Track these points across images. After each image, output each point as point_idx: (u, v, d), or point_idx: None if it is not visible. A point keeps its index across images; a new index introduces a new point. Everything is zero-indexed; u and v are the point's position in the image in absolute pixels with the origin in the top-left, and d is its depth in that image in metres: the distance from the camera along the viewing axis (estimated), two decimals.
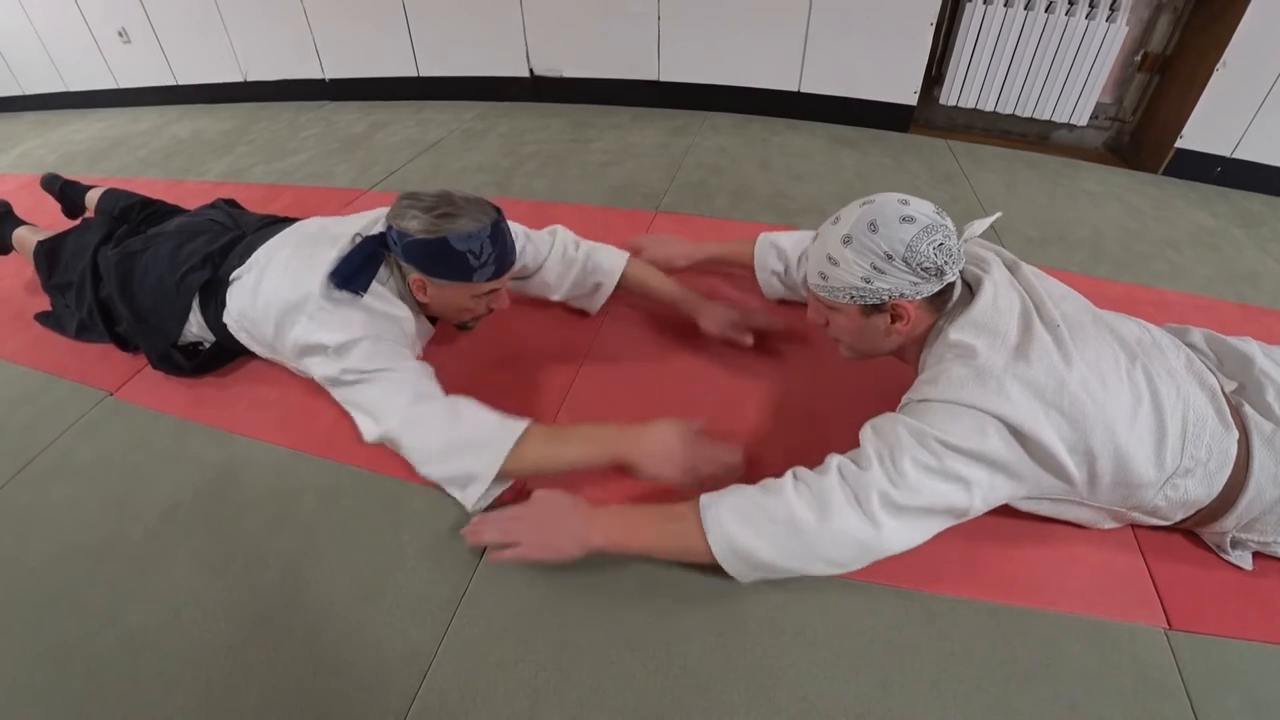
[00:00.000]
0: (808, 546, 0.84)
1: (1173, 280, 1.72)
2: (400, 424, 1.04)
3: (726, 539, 0.86)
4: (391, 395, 1.06)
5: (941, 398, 0.85)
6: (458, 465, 1.02)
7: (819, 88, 2.67)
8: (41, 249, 1.52)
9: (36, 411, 1.34)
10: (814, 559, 0.85)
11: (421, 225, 1.06)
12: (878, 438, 0.87)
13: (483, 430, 1.03)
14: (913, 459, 0.82)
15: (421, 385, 1.09)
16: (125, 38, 3.36)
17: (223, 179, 2.48)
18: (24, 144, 3.17)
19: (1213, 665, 0.86)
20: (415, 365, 1.12)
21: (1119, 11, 2.25)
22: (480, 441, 1.01)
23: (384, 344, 1.10)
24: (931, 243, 0.84)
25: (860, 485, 0.83)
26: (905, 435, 0.84)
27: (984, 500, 0.86)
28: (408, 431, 1.04)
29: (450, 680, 0.87)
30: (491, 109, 3.00)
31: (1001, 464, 0.84)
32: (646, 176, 2.26)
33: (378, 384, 1.07)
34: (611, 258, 1.42)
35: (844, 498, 0.83)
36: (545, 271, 1.39)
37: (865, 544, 0.83)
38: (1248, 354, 0.98)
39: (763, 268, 1.40)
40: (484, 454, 1.00)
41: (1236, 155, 2.26)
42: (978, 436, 0.82)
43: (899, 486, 0.82)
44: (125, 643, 0.93)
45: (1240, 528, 0.93)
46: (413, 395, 1.06)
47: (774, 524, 0.85)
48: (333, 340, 1.08)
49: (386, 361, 1.08)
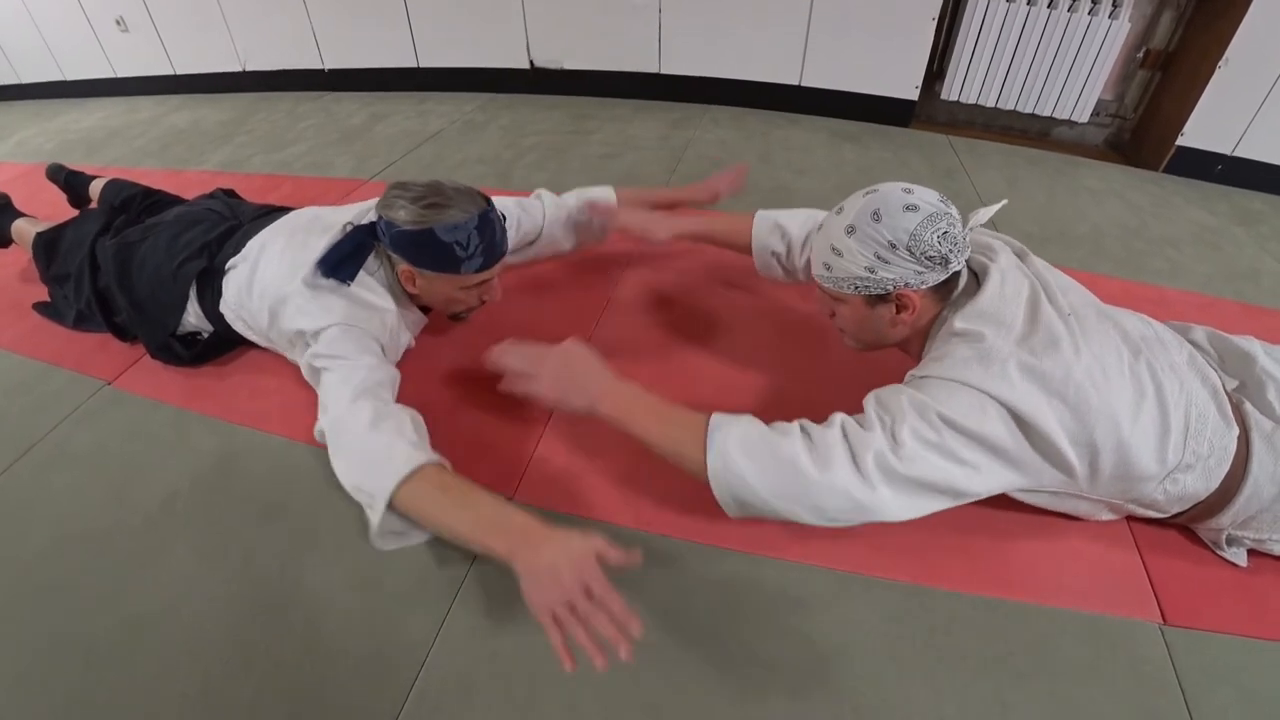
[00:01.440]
0: (802, 490, 0.82)
1: (1172, 278, 1.72)
2: (332, 421, 0.98)
3: (725, 461, 0.84)
4: (339, 386, 1.01)
5: (944, 375, 0.85)
6: (359, 479, 0.92)
7: (820, 82, 2.67)
8: (40, 240, 1.51)
9: (34, 401, 1.34)
10: (804, 504, 0.83)
11: (409, 215, 1.06)
12: (880, 406, 0.86)
13: (387, 452, 0.91)
14: (912, 429, 0.81)
15: (371, 383, 1.01)
16: (123, 26, 3.34)
17: (221, 169, 2.47)
18: (21, 133, 3.15)
19: (1207, 660, 0.87)
20: (374, 363, 1.05)
21: (1121, 8, 2.24)
22: (379, 464, 0.90)
23: (353, 333, 1.07)
24: (936, 231, 0.84)
25: (859, 444, 0.82)
26: (907, 405, 0.83)
27: (983, 485, 0.85)
28: (334, 430, 0.97)
29: (448, 670, 0.87)
30: (492, 101, 2.99)
31: (1002, 449, 0.83)
32: (647, 169, 2.26)
33: (333, 371, 1.03)
34: (602, 191, 1.48)
35: (843, 453, 0.82)
36: (550, 228, 1.41)
37: (858, 501, 0.81)
38: (1250, 352, 0.98)
39: (762, 247, 1.29)
40: (378, 479, 0.89)
41: (1238, 153, 2.26)
42: (978, 415, 0.81)
43: (897, 454, 0.81)
44: (123, 631, 0.93)
45: (1236, 525, 0.93)
46: (356, 391, 0.99)
47: (776, 460, 0.83)
48: (310, 326, 1.08)
49: (348, 350, 1.04)
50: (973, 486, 0.84)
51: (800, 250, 1.27)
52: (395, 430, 0.94)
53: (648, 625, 0.90)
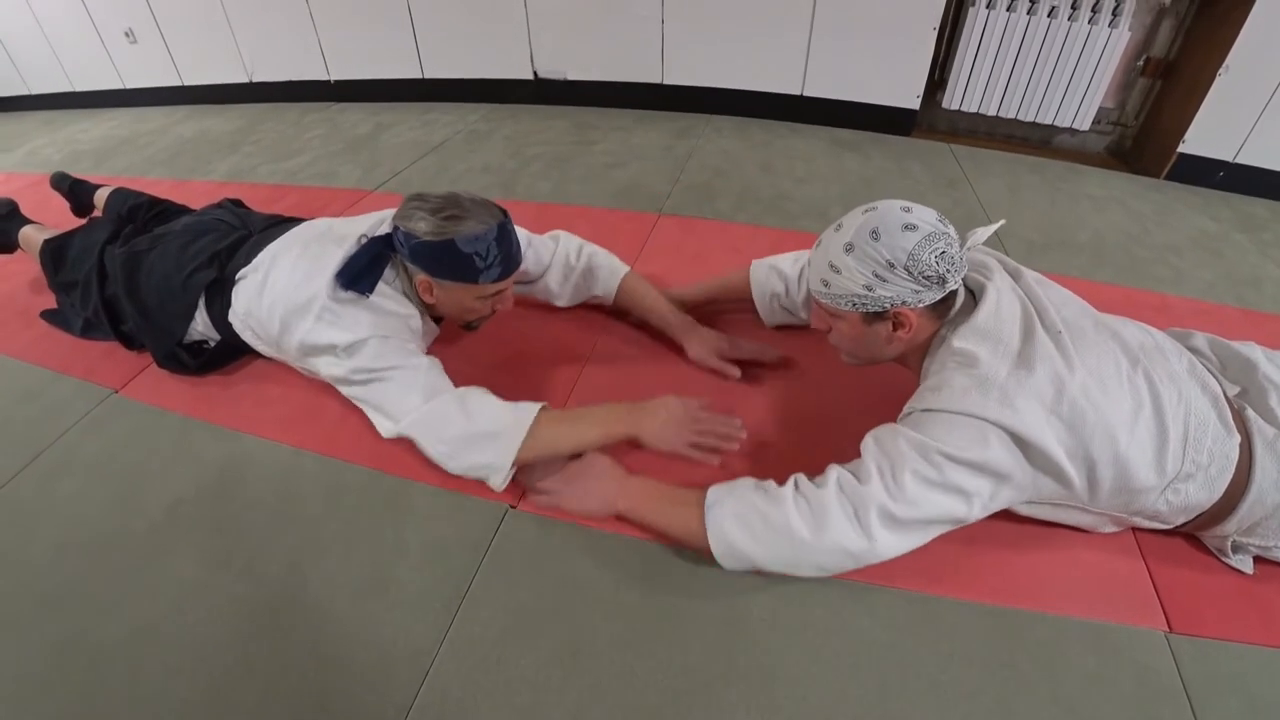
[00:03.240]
0: (799, 555, 0.87)
1: (1174, 285, 1.72)
2: (415, 422, 1.06)
3: (724, 538, 0.90)
4: (403, 393, 1.08)
5: (944, 407, 0.85)
6: (475, 458, 1.05)
7: (822, 91, 2.68)
8: (48, 248, 1.52)
9: (42, 408, 1.35)
10: (803, 565, 0.89)
11: (428, 227, 1.07)
12: (879, 450, 0.88)
13: (495, 421, 1.06)
14: (913, 472, 0.83)
15: (432, 381, 1.10)
16: (132, 38, 3.37)
17: (228, 179, 2.49)
18: (31, 143, 3.18)
19: (1213, 669, 0.86)
20: (424, 361, 1.13)
21: (1121, 16, 2.25)
22: (493, 433, 1.05)
23: (391, 342, 1.11)
24: (934, 251, 0.84)
25: (859, 499, 0.84)
26: (906, 448, 0.85)
27: (983, 508, 0.87)
28: (422, 429, 1.07)
29: (452, 678, 0.87)
30: (496, 111, 3.02)
31: (1004, 473, 0.84)
32: (650, 178, 2.27)
33: (389, 382, 1.09)
34: (608, 273, 1.40)
35: (841, 512, 0.85)
36: (548, 279, 1.40)
37: (856, 555, 0.85)
38: (1251, 359, 0.98)
39: (763, 294, 1.35)
40: (498, 446, 1.04)
41: (1239, 160, 2.26)
42: (979, 446, 0.82)
43: (898, 500, 0.83)
44: (128, 637, 0.93)
45: (1241, 532, 0.93)
46: (424, 392, 1.08)
47: (770, 531, 0.88)
48: (341, 340, 1.09)
49: (396, 359, 1.10)
50: (974, 512, 0.86)
51: (798, 286, 1.30)
52: (486, 406, 1.08)
53: (651, 631, 0.91)
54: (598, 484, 1.07)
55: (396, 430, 1.08)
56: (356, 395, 1.14)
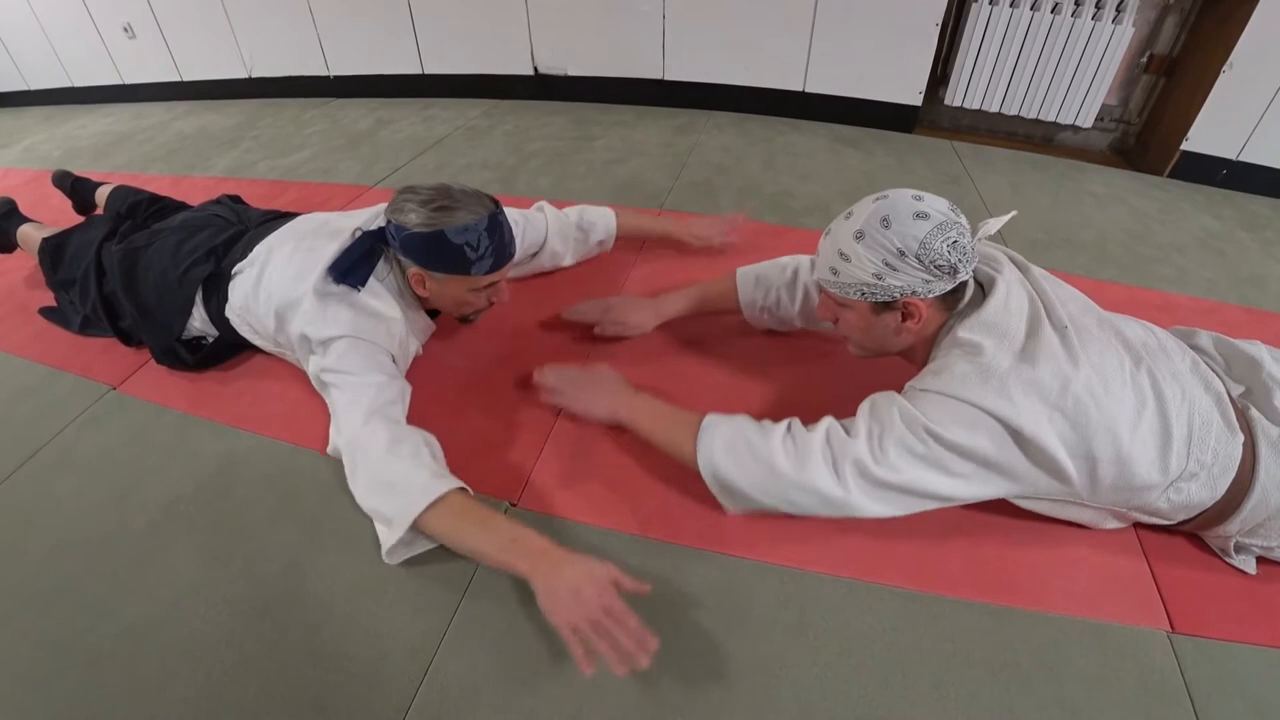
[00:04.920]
0: (775, 487, 0.90)
1: (1178, 283, 1.71)
2: (347, 442, 1.01)
3: (710, 460, 0.94)
4: (349, 406, 1.03)
5: (940, 389, 0.86)
6: (378, 502, 0.96)
7: (824, 88, 2.67)
8: (46, 246, 1.52)
9: (40, 405, 1.34)
10: (778, 498, 0.91)
11: (419, 219, 1.06)
12: (872, 414, 0.90)
13: (407, 478, 0.95)
14: (898, 440, 0.85)
15: (381, 402, 1.04)
16: (131, 34, 3.36)
17: (227, 174, 2.48)
18: (29, 138, 3.17)
19: (1216, 669, 0.86)
20: (384, 380, 1.07)
21: (1125, 13, 2.24)
22: (400, 489, 0.94)
23: (361, 346, 1.08)
24: (946, 240, 0.84)
25: (841, 450, 0.87)
26: (897, 418, 0.86)
27: (970, 492, 0.87)
28: (348, 452, 1.01)
29: (451, 676, 0.87)
30: (496, 106, 3.01)
31: (991, 461, 0.84)
32: (651, 174, 2.26)
33: (343, 389, 1.05)
34: (602, 215, 1.57)
35: (822, 458, 0.87)
36: (550, 243, 1.47)
37: (829, 500, 0.87)
38: (1256, 358, 0.97)
39: (750, 302, 1.30)
40: (398, 504, 0.93)
41: (1243, 158, 2.25)
42: (966, 431, 0.83)
43: (880, 463, 0.85)
44: (126, 634, 0.93)
45: (1244, 532, 0.92)
46: (367, 411, 1.01)
47: (754, 460, 0.91)
48: (317, 334, 1.09)
49: (357, 366, 1.06)
50: (959, 493, 0.87)
51: (787, 291, 1.27)
52: (412, 456, 0.97)
53: (650, 628, 0.90)
54: (605, 390, 1.11)
55: (336, 444, 1.04)
56: (325, 396, 1.11)
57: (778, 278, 1.28)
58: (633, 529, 1.04)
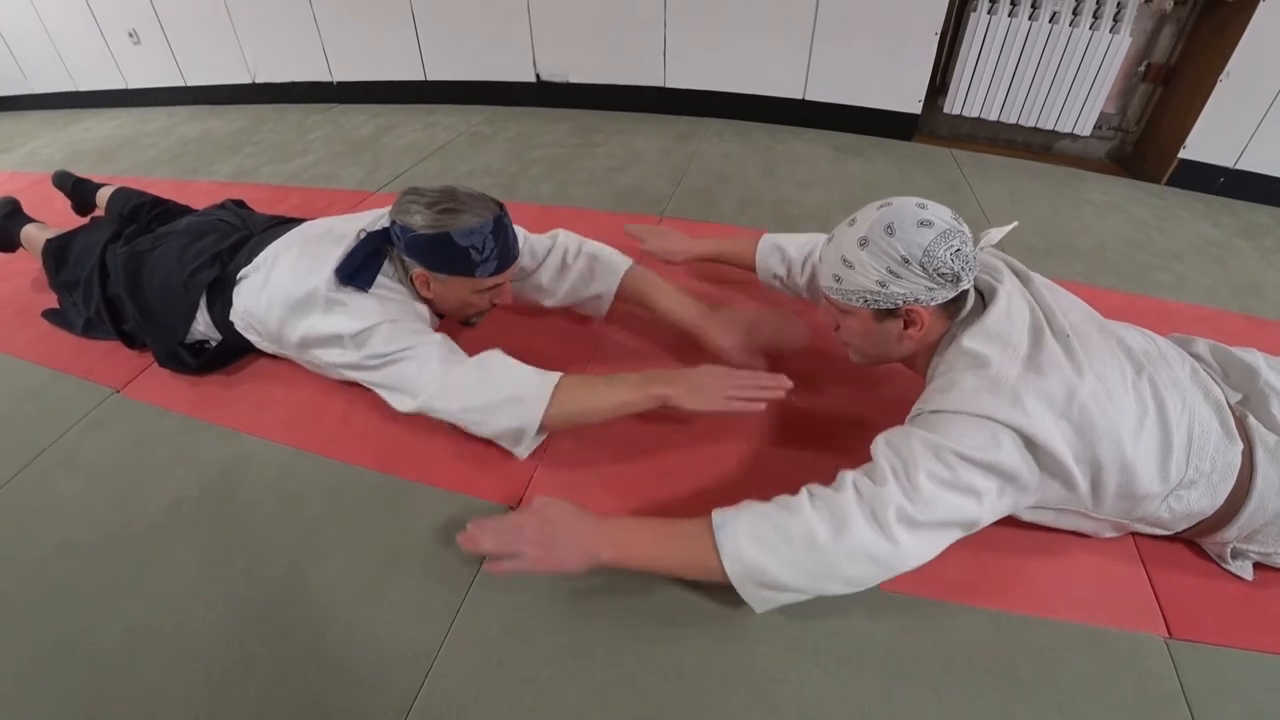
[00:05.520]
0: (824, 565, 0.80)
1: (1176, 291, 1.72)
2: (436, 394, 1.07)
3: (741, 559, 0.81)
4: (421, 369, 1.08)
5: (954, 408, 0.84)
6: (500, 422, 1.06)
7: (824, 96, 2.69)
8: (50, 247, 1.53)
9: (43, 407, 1.35)
10: (830, 578, 0.81)
11: (424, 220, 1.07)
12: (891, 451, 0.84)
13: (518, 385, 1.06)
14: (928, 472, 0.80)
15: (446, 353, 1.11)
16: (135, 39, 3.38)
17: (230, 179, 2.50)
18: (33, 142, 3.19)
19: (1213, 675, 0.86)
20: (437, 337, 1.13)
21: (1122, 22, 2.26)
22: (517, 396, 1.05)
23: (401, 325, 1.11)
24: (949, 248, 0.84)
25: (877, 501, 0.80)
26: (920, 448, 0.82)
27: (993, 510, 0.85)
28: (444, 400, 1.07)
29: (452, 680, 0.87)
30: (498, 113, 3.02)
31: (1013, 475, 0.83)
32: (652, 182, 2.27)
33: (405, 362, 1.09)
34: (610, 268, 1.33)
35: (861, 515, 0.79)
36: (539, 275, 1.34)
37: (882, 560, 0.80)
38: (1253, 366, 0.98)
39: (764, 270, 1.36)
40: (522, 409, 1.05)
41: (1240, 166, 2.27)
42: (992, 447, 0.81)
43: (915, 502, 0.79)
44: (128, 636, 0.93)
45: (1241, 539, 0.93)
46: (441, 364, 1.08)
47: (790, 543, 0.81)
48: (349, 329, 1.09)
49: (408, 340, 1.10)
50: (985, 515, 0.84)
51: (800, 270, 1.31)
52: (505, 368, 1.08)
53: (651, 635, 0.91)
54: (568, 534, 0.88)
55: (416, 405, 1.08)
56: (370, 380, 1.14)
57: (795, 251, 1.33)
58: None
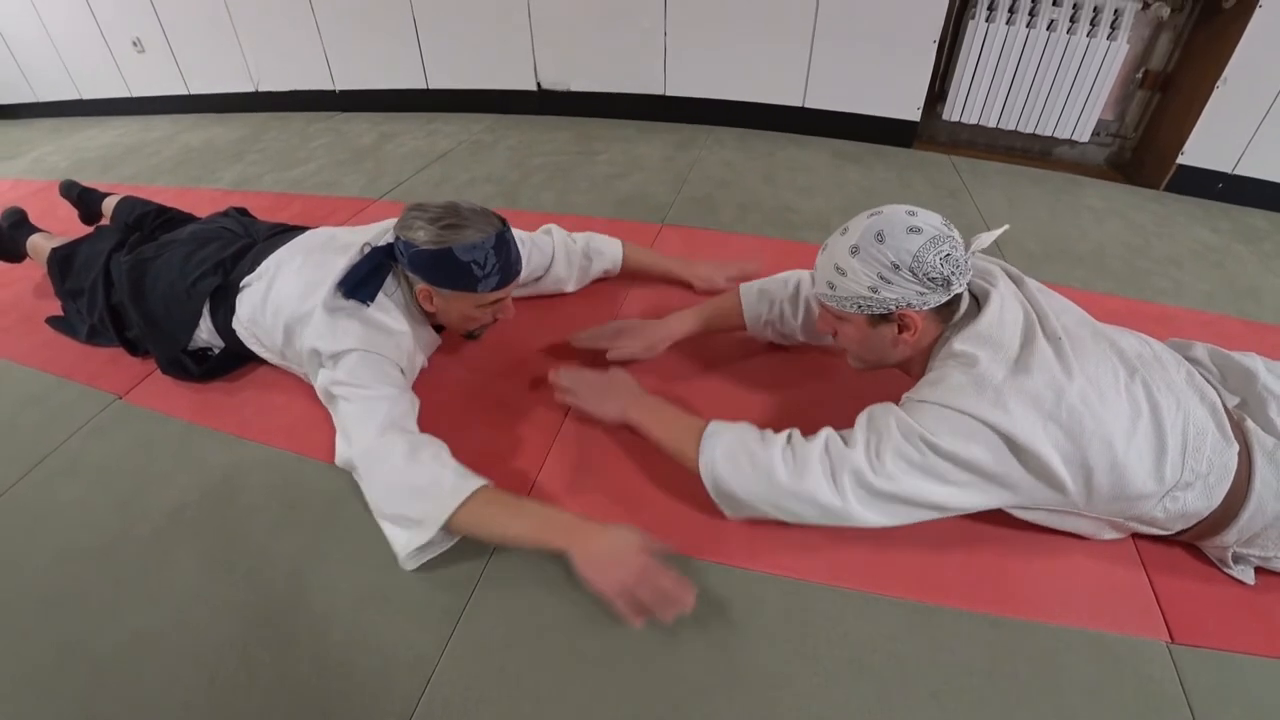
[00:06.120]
0: (774, 496, 0.92)
1: (1175, 296, 1.73)
2: (362, 453, 1.01)
3: (711, 466, 0.96)
4: (363, 419, 1.03)
5: (936, 400, 0.87)
6: (403, 508, 0.97)
7: (823, 103, 2.70)
8: (55, 256, 1.54)
9: (46, 413, 1.35)
10: (779, 508, 0.93)
11: (427, 236, 1.08)
12: (869, 424, 0.91)
13: (434, 481, 0.97)
14: (895, 450, 0.86)
15: (394, 415, 1.05)
16: (139, 47, 3.41)
17: (233, 187, 2.51)
18: (38, 150, 3.21)
19: (1215, 679, 0.86)
20: (395, 393, 1.08)
21: (1120, 30, 2.27)
22: (429, 492, 0.96)
23: (372, 359, 1.09)
24: (938, 253, 0.86)
25: (839, 460, 0.89)
26: (894, 427, 0.88)
27: (967, 501, 0.89)
28: (366, 462, 1.01)
29: (453, 686, 0.87)
30: (499, 121, 3.04)
31: (987, 471, 0.86)
32: (653, 189, 2.28)
33: (354, 402, 1.05)
34: (609, 245, 1.57)
35: (820, 467, 0.89)
36: (555, 268, 1.48)
37: (827, 509, 0.89)
38: (1251, 369, 0.99)
39: (754, 318, 1.31)
40: (430, 505, 0.95)
41: (1238, 171, 2.28)
42: (963, 442, 0.85)
43: (877, 473, 0.87)
44: (130, 642, 0.93)
45: (1241, 542, 0.93)
46: (382, 424, 1.02)
47: (754, 469, 0.93)
48: (327, 348, 1.09)
49: (369, 380, 1.06)
50: (955, 502, 0.89)
51: (790, 305, 1.27)
52: (434, 459, 1.00)
53: (651, 640, 0.91)
54: (616, 392, 1.16)
55: (347, 456, 1.03)
56: (332, 410, 1.10)
57: (780, 292, 1.28)
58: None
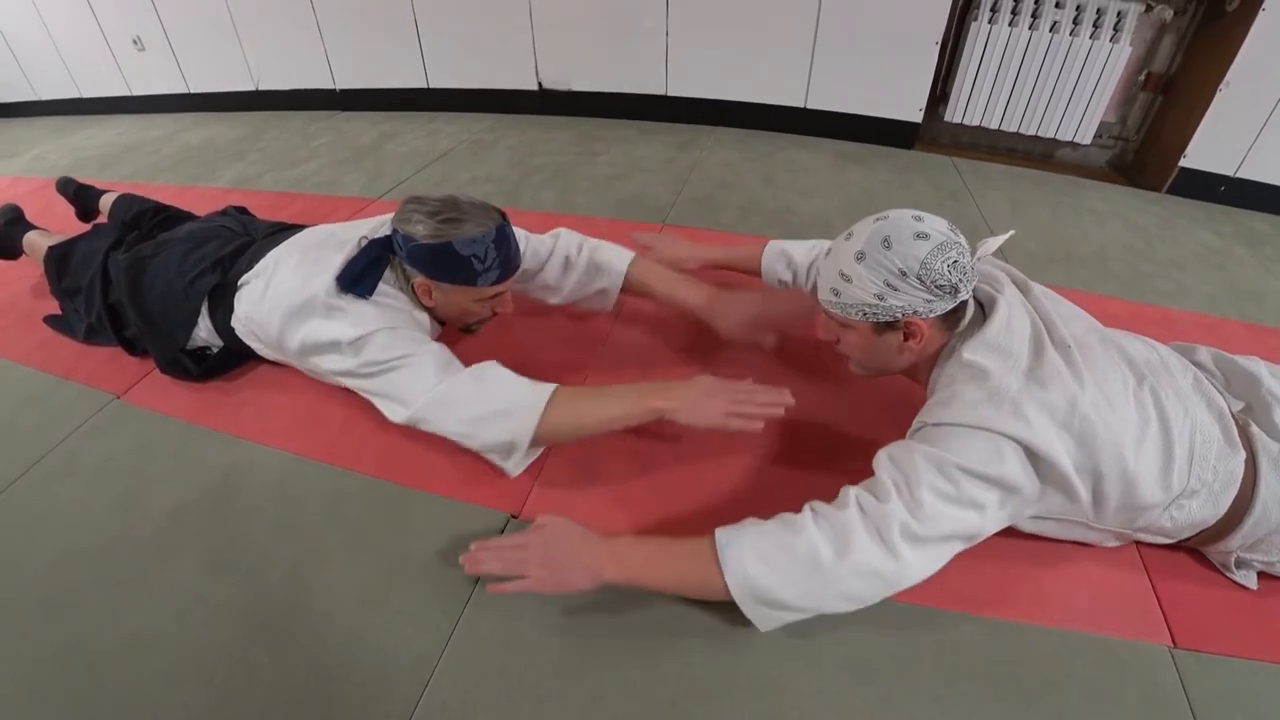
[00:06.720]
0: (829, 583, 0.80)
1: (1177, 299, 1.72)
2: (428, 404, 1.05)
3: (745, 578, 0.82)
4: (415, 378, 1.07)
5: (956, 420, 0.84)
6: (491, 435, 1.04)
7: (825, 104, 2.69)
8: (52, 254, 1.53)
9: (44, 413, 1.35)
10: (834, 596, 0.82)
11: (426, 230, 1.07)
12: (894, 466, 0.85)
13: (510, 398, 1.05)
14: (930, 487, 0.80)
15: (443, 362, 1.10)
16: (140, 46, 3.40)
17: (233, 186, 2.51)
18: (38, 148, 3.21)
19: (1218, 684, 0.86)
20: (435, 347, 1.12)
21: (1122, 32, 2.27)
22: (507, 409, 1.04)
23: (399, 332, 1.11)
24: (946, 260, 0.84)
25: (881, 518, 0.80)
26: (922, 463, 0.82)
27: (995, 522, 0.85)
28: (436, 410, 1.05)
29: (453, 688, 0.87)
30: (500, 121, 3.03)
31: (1015, 486, 0.82)
32: (653, 190, 2.28)
33: (400, 370, 1.08)
34: (614, 260, 1.35)
35: (865, 532, 0.80)
36: (545, 274, 1.36)
37: (885, 576, 0.80)
38: (1255, 374, 0.98)
39: (770, 276, 1.36)
40: (514, 421, 1.03)
41: (1240, 174, 2.27)
42: (995, 460, 0.81)
43: (919, 518, 0.79)
44: (128, 643, 0.93)
45: (1245, 548, 0.93)
46: (436, 374, 1.07)
47: (794, 562, 0.81)
48: (347, 335, 1.09)
49: (405, 348, 1.09)
50: (987, 526, 0.84)
51: (805, 276, 1.30)
52: (499, 379, 1.08)
53: (653, 644, 0.90)
54: (573, 554, 0.89)
55: (408, 415, 1.06)
56: (365, 388, 1.13)
57: (800, 256, 1.33)
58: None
